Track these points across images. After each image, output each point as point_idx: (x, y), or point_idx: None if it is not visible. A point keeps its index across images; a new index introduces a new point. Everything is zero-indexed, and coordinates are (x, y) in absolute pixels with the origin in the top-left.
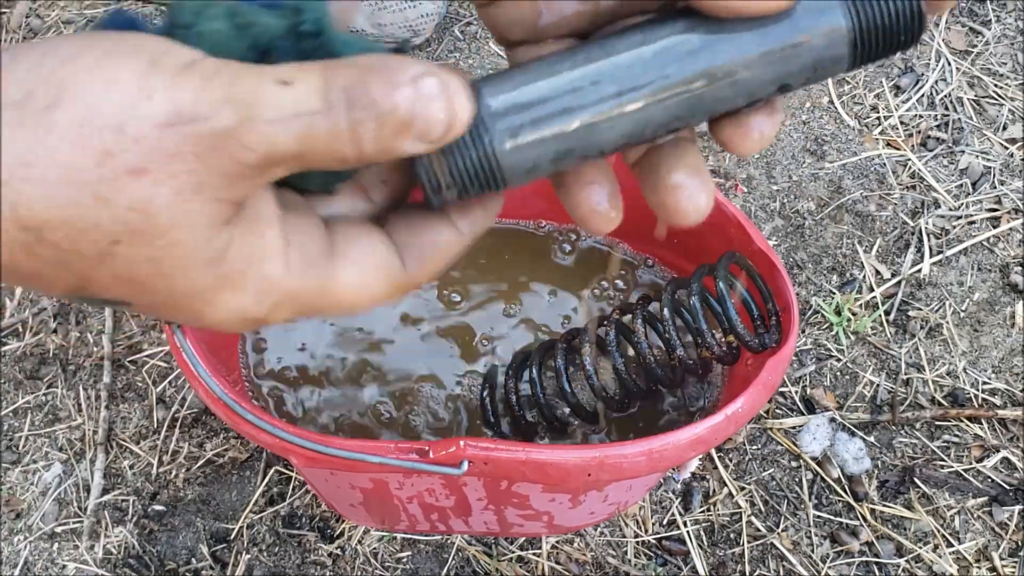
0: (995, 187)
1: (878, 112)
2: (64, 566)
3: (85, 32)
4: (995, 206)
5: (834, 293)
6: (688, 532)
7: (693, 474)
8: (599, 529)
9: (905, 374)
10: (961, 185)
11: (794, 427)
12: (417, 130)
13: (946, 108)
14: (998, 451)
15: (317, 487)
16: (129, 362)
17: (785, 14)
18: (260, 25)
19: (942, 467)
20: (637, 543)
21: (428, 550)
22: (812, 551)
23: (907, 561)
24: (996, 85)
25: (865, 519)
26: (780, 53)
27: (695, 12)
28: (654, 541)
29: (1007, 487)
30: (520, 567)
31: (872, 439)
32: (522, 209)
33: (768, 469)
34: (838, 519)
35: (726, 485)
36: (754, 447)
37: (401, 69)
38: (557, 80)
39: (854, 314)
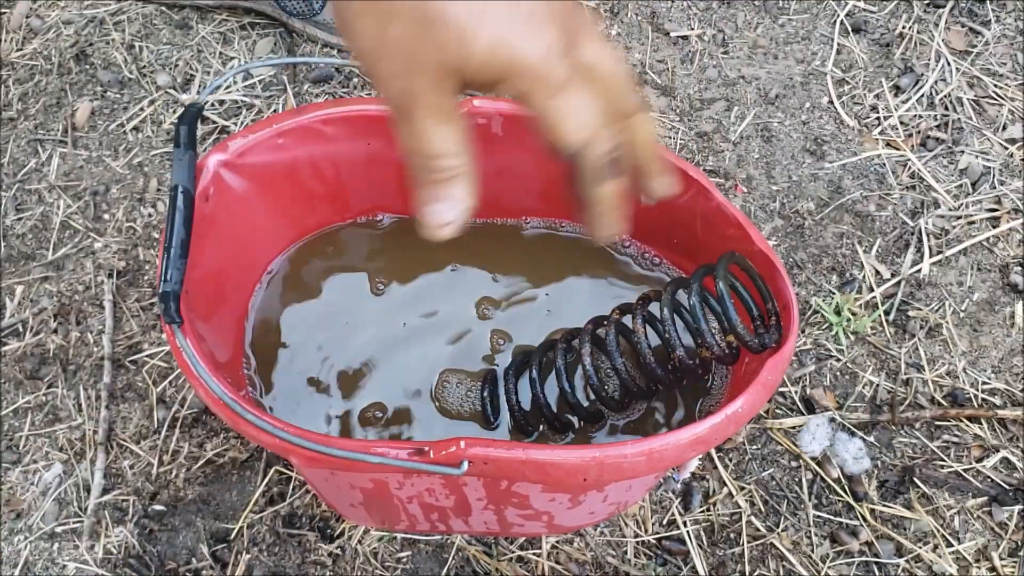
0: (995, 187)
1: (878, 112)
2: (64, 566)
3: None
4: (995, 206)
5: (834, 293)
6: (688, 532)
7: (693, 474)
8: (599, 529)
9: (905, 374)
10: (961, 185)
11: (794, 427)
12: None
13: (946, 108)
14: (998, 451)
15: (317, 487)
16: (129, 362)
17: None
18: None
19: (942, 467)
20: (637, 543)
21: (428, 550)
22: (812, 551)
23: (907, 561)
24: (996, 85)
25: (865, 519)
26: None
27: None
28: (654, 541)
29: (1007, 487)
30: (520, 567)
31: (872, 439)
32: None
33: (768, 469)
34: (838, 519)
35: (726, 485)
36: (754, 447)
37: None
38: None
39: (854, 314)
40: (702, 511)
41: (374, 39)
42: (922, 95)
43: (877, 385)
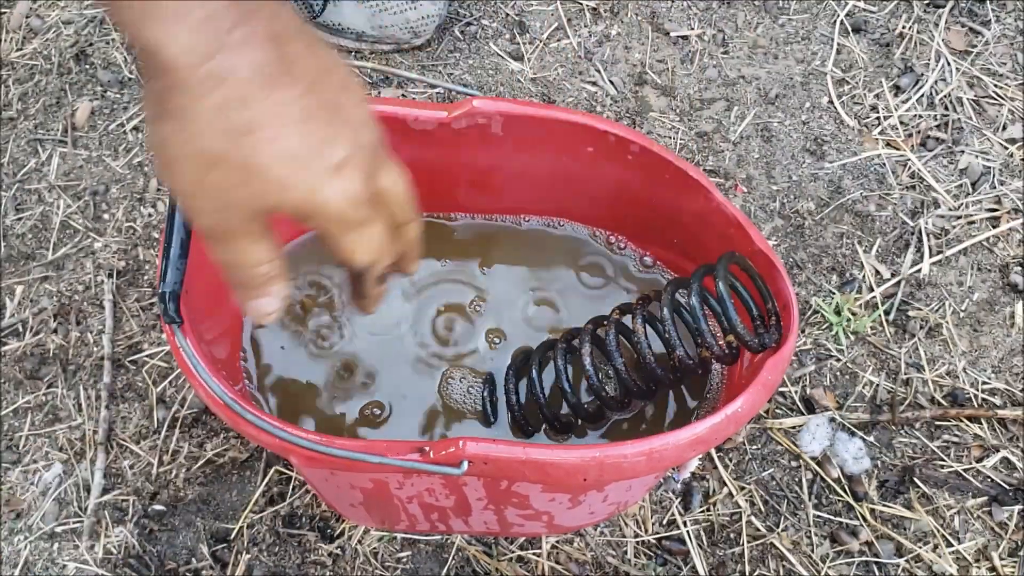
0: (995, 187)
1: (878, 112)
2: (64, 566)
3: None
4: (995, 206)
5: (834, 293)
6: (688, 532)
7: (693, 474)
8: (599, 529)
9: (905, 374)
10: (961, 185)
11: (794, 427)
12: None
13: (946, 108)
14: (998, 451)
15: (317, 487)
16: (129, 362)
17: None
18: None
19: (942, 467)
20: (637, 543)
21: (428, 550)
22: (812, 551)
23: (907, 561)
24: (996, 85)
25: (865, 519)
26: None
27: None
28: (654, 541)
29: (1007, 487)
30: (520, 567)
31: (872, 439)
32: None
33: (768, 469)
34: (838, 519)
35: (726, 485)
36: (754, 447)
37: None
38: None
39: (854, 314)
40: (702, 511)
41: (193, 182)
42: (922, 95)
43: (877, 385)
